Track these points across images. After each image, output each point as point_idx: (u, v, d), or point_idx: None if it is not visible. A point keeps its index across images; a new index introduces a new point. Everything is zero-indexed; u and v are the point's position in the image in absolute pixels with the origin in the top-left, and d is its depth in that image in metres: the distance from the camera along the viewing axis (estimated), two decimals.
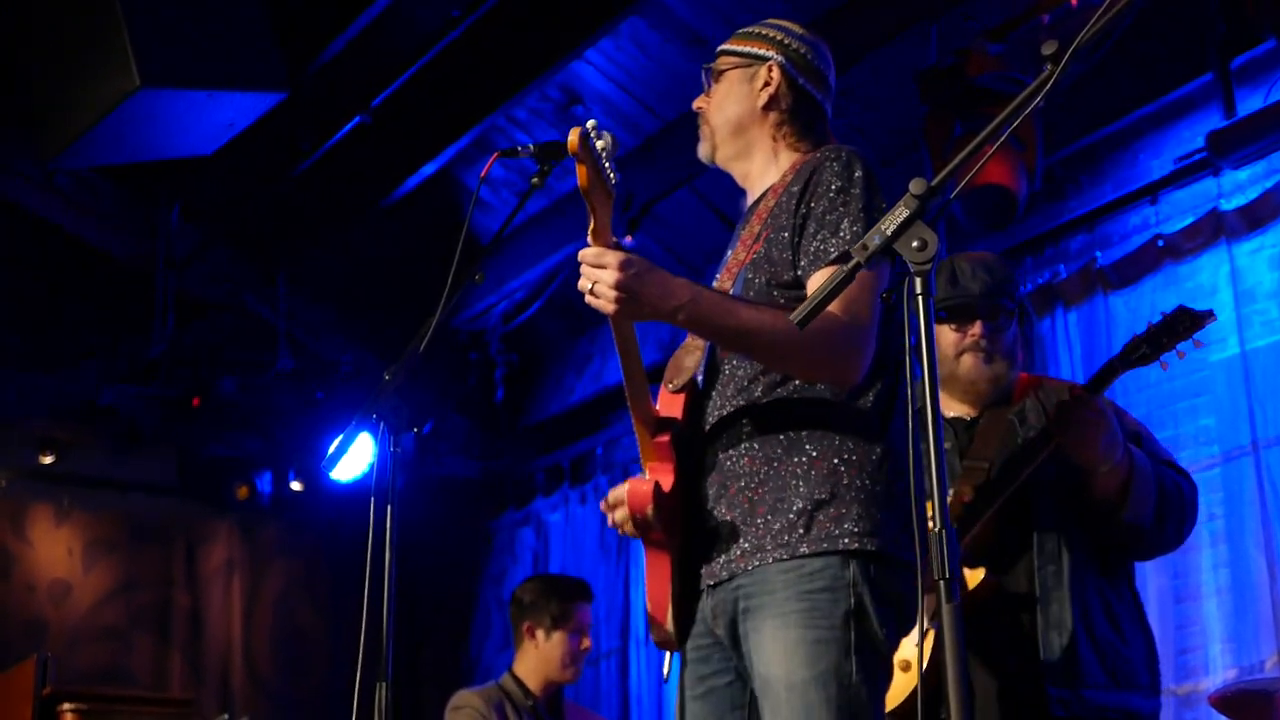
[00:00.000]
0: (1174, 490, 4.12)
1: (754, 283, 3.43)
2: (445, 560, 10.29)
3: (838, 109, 7.43)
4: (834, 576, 3.23)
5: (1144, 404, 6.42)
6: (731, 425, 3.39)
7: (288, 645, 10.16)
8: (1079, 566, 4.08)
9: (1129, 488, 4.01)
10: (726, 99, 3.69)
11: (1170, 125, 6.53)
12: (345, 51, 7.20)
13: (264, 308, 9.16)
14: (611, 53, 7.53)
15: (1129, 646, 4.10)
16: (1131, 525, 4.05)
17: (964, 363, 4.24)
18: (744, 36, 3.75)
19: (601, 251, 3.18)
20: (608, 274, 3.16)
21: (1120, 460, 4.01)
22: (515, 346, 9.70)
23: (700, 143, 3.74)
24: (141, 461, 9.49)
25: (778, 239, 3.44)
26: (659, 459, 3.37)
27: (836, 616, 3.21)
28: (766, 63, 3.67)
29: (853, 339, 3.27)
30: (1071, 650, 4.00)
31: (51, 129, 6.94)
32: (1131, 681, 4.07)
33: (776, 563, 3.26)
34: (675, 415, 3.41)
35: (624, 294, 3.17)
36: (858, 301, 3.25)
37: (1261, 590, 5.86)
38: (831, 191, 3.41)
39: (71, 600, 9.54)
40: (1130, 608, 4.19)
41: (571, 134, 3.08)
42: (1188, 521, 4.20)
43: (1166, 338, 4.13)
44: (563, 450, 9.78)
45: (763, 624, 3.26)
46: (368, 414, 3.80)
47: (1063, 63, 2.56)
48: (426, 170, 8.00)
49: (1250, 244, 6.19)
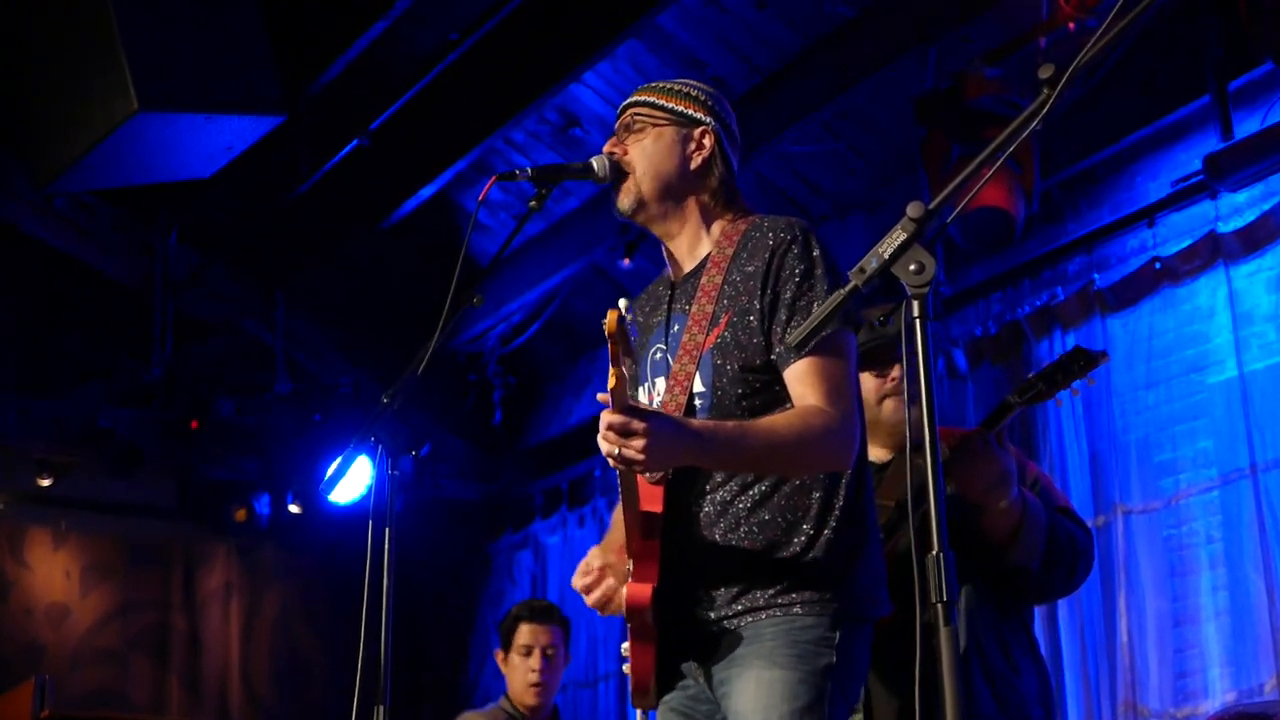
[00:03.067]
0: (1066, 539, 4.14)
1: (724, 369, 3.46)
2: (444, 583, 10.29)
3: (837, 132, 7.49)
4: (821, 637, 3.33)
5: (1142, 427, 6.42)
6: (721, 505, 3.44)
7: (286, 668, 10.14)
8: (974, 602, 4.12)
9: (1019, 531, 4.04)
10: (658, 155, 3.61)
11: (1168, 148, 6.54)
12: (344, 74, 7.21)
13: (262, 330, 9.17)
14: (609, 75, 7.54)
15: (1022, 678, 4.14)
16: (1019, 568, 4.09)
17: (886, 407, 4.24)
18: (673, 94, 3.66)
19: (627, 421, 3.16)
20: (638, 442, 3.16)
21: (1014, 501, 4.03)
22: (513, 369, 9.71)
23: (620, 195, 3.64)
24: (140, 484, 9.47)
25: (743, 324, 3.46)
26: (647, 559, 3.39)
27: (819, 666, 3.31)
28: (701, 127, 3.64)
29: (848, 430, 3.37)
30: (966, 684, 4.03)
31: (50, 152, 6.95)
32: (1022, 713, 4.11)
33: (769, 618, 3.35)
34: (656, 510, 3.42)
35: (651, 460, 3.19)
36: (843, 392, 3.37)
37: (1260, 613, 5.85)
38: (797, 276, 3.43)
39: (69, 623, 9.53)
40: (1025, 642, 4.23)
41: (610, 317, 3.09)
42: (1079, 570, 4.21)
43: (1061, 375, 4.14)
44: (561, 473, 9.78)
45: (748, 668, 3.34)
46: (366, 436, 3.80)
47: (1060, 86, 2.56)
48: (425, 193, 8.01)
49: (1248, 266, 6.19)
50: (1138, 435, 6.46)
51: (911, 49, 6.59)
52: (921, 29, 6.53)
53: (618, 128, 3.70)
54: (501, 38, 7.00)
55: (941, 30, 6.50)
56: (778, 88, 7.19)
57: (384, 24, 6.82)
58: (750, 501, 3.41)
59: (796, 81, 7.13)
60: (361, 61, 7.11)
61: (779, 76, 7.22)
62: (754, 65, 7.26)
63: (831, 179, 7.75)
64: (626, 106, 3.71)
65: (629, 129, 3.66)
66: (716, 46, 7.25)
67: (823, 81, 6.99)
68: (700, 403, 3.46)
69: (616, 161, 3.63)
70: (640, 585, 3.36)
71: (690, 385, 3.47)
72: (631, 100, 3.71)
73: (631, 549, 3.40)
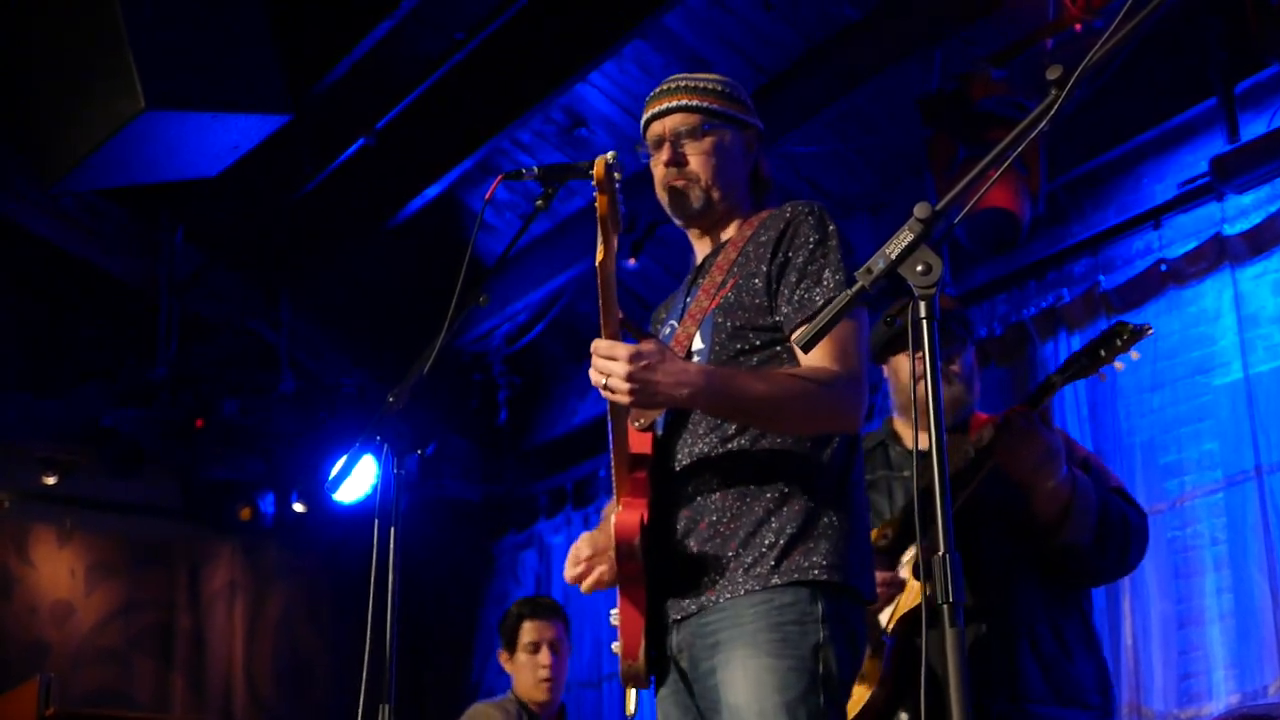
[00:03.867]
0: (1118, 518, 4.13)
1: (724, 326, 3.47)
2: (448, 582, 10.29)
3: (841, 133, 7.48)
4: (803, 611, 3.28)
5: (1147, 429, 6.42)
6: (703, 462, 3.42)
7: (290, 667, 10.15)
8: (1025, 586, 4.12)
9: (1069, 510, 4.03)
10: (727, 162, 3.62)
11: (1174, 150, 6.54)
12: (349, 74, 7.22)
13: (267, 329, 9.18)
14: (615, 75, 7.54)
15: (1076, 665, 4.12)
16: (1069, 547, 4.07)
17: (921, 388, 4.25)
18: (724, 97, 3.65)
19: (613, 345, 3.17)
20: (619, 366, 3.16)
21: (1062, 480, 4.02)
22: (518, 369, 9.70)
23: (684, 199, 3.63)
24: (144, 483, 9.48)
25: (748, 285, 3.48)
26: (635, 494, 3.38)
27: (805, 648, 3.26)
28: (752, 129, 3.68)
29: (854, 391, 3.35)
30: (1013, 664, 4.04)
31: (56, 151, 6.95)
32: (1078, 699, 4.09)
33: (748, 594, 3.31)
34: (646, 452, 3.43)
35: (637, 385, 3.17)
36: (850, 352, 3.35)
37: (1265, 615, 5.85)
38: (810, 243, 3.45)
39: (74, 622, 9.53)
40: (1081, 630, 4.20)
41: (597, 163, 3.09)
42: (1132, 549, 4.19)
43: (1105, 350, 4.13)
44: (565, 472, 9.78)
45: (733, 655, 3.30)
46: (371, 436, 3.80)
47: (1068, 87, 2.55)
48: (430, 192, 8.01)
49: (1254, 269, 6.19)
50: (1143, 437, 6.45)
51: (916, 51, 6.59)
52: (926, 31, 6.53)
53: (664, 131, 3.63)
54: (507, 38, 7.00)
55: (946, 32, 6.50)
56: (782, 89, 7.19)
57: (389, 24, 6.82)
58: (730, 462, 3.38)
59: (801, 82, 7.13)
60: (367, 61, 7.12)
61: (784, 77, 7.22)
62: (759, 66, 7.26)
63: (835, 180, 7.74)
64: (672, 109, 3.64)
65: (689, 134, 3.60)
66: (721, 47, 7.24)
67: (827, 83, 6.99)
68: (697, 359, 3.46)
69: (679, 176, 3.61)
70: (629, 514, 3.33)
71: (689, 345, 3.49)
72: (680, 102, 3.64)
73: (621, 488, 3.38)
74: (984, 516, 4.11)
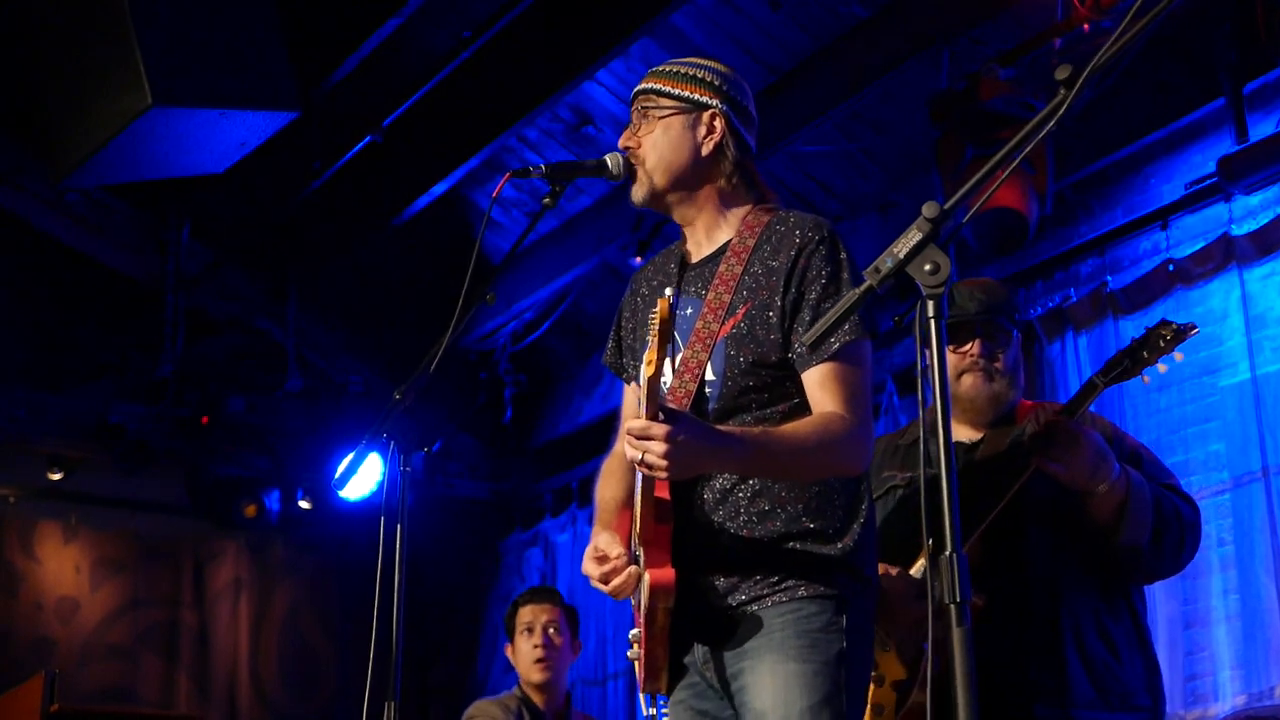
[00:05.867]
0: (1172, 514, 4.07)
1: (737, 360, 3.45)
2: (453, 580, 10.29)
3: (849, 133, 7.49)
4: (829, 621, 3.33)
5: (1154, 429, 6.41)
6: (720, 489, 3.44)
7: (295, 664, 10.15)
8: (1072, 586, 4.07)
9: (1125, 510, 3.98)
10: (667, 146, 3.58)
11: (1181, 150, 6.53)
12: (357, 71, 7.22)
13: (273, 326, 9.18)
14: (622, 74, 7.54)
15: (1125, 667, 4.07)
16: (1127, 548, 4.02)
17: (964, 383, 4.24)
18: (679, 78, 3.63)
19: (647, 425, 3.15)
20: (656, 446, 3.15)
21: (1116, 481, 3.97)
22: (524, 367, 9.71)
23: (634, 186, 3.63)
24: (150, 480, 9.48)
25: (761, 318, 3.45)
26: (659, 545, 3.38)
27: (831, 654, 3.31)
28: (709, 110, 3.60)
29: (867, 439, 3.41)
30: (1060, 669, 4.00)
31: (64, 147, 6.95)
32: (1127, 702, 4.04)
33: (775, 605, 3.35)
34: (665, 496, 3.41)
35: (673, 464, 3.17)
36: (861, 400, 3.39)
37: (1271, 616, 5.85)
38: (824, 278, 3.43)
39: (79, 618, 9.54)
40: (1130, 630, 4.15)
41: (661, 306, 3.08)
42: (1187, 545, 4.13)
43: (1148, 351, 4.10)
44: (571, 471, 9.78)
45: (760, 661, 3.33)
46: (377, 433, 3.80)
47: (1076, 87, 2.55)
48: (437, 190, 8.01)
49: (1261, 269, 6.19)
50: (1149, 438, 6.43)
51: (925, 51, 6.58)
52: (935, 31, 6.53)
53: (631, 116, 3.68)
54: (514, 35, 7.00)
55: (955, 32, 6.50)
56: (790, 88, 7.19)
57: (397, 21, 6.83)
58: (750, 491, 3.41)
59: (809, 82, 7.13)
60: (375, 58, 7.12)
61: (792, 77, 7.22)
62: (767, 65, 7.26)
63: (843, 180, 7.74)
64: (637, 94, 3.68)
65: (642, 116, 3.63)
66: (729, 46, 7.24)
67: (835, 82, 6.99)
68: (710, 391, 3.46)
69: (629, 158, 3.61)
70: (663, 570, 3.35)
71: (701, 374, 3.46)
72: (640, 88, 3.67)
73: (644, 535, 3.38)
74: (1032, 516, 4.08)
